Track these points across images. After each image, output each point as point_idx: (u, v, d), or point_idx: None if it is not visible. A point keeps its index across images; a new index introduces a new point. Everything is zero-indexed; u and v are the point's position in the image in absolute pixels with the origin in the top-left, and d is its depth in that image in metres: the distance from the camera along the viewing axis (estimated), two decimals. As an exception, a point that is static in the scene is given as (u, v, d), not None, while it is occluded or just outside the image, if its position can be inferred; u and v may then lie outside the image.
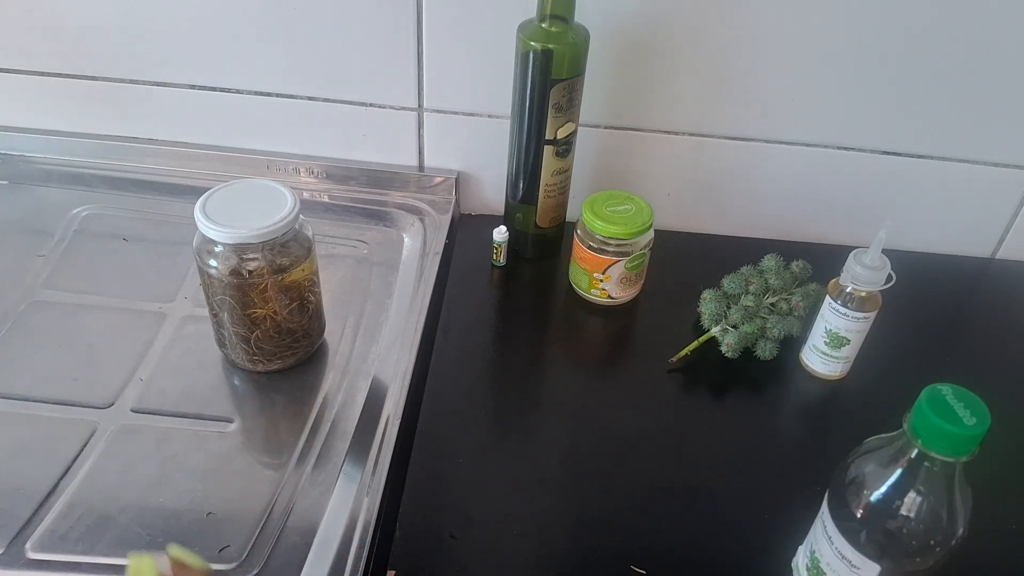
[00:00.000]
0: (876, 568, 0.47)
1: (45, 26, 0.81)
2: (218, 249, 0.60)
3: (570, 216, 0.83)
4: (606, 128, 0.83)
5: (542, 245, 0.83)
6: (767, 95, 0.80)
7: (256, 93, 0.84)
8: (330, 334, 0.72)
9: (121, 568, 0.53)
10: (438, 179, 0.87)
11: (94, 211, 0.83)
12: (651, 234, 0.75)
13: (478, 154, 0.86)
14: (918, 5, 0.74)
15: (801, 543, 0.55)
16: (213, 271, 0.60)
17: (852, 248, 0.67)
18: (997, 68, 0.77)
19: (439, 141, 0.86)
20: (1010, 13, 0.73)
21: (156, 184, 0.86)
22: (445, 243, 0.82)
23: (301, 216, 0.62)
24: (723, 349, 0.71)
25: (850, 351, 0.70)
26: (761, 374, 0.72)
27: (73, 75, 0.84)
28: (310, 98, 0.84)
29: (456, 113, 0.83)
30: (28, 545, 0.54)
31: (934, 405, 0.42)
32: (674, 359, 0.72)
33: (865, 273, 0.65)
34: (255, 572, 0.54)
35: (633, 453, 0.64)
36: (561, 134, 0.74)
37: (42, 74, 0.84)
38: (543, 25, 0.69)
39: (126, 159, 0.87)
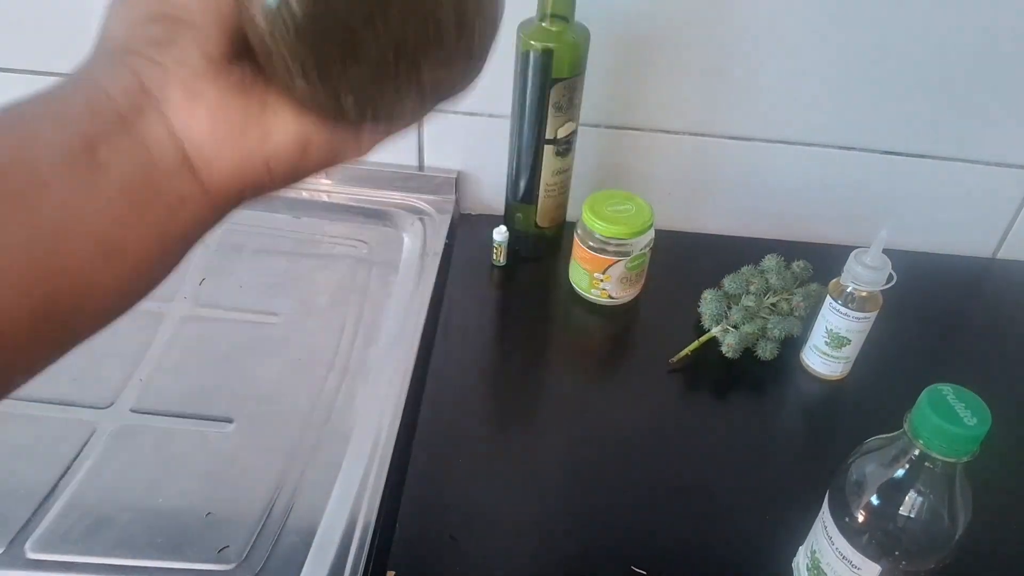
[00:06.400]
0: (877, 568, 0.47)
1: (43, 24, 0.81)
2: None
3: (570, 216, 0.83)
4: (606, 128, 0.83)
5: (542, 245, 0.83)
6: (768, 94, 0.80)
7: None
8: (330, 334, 0.72)
9: (119, 569, 0.53)
10: (438, 179, 0.87)
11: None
12: (651, 234, 0.75)
13: (478, 154, 0.86)
14: (920, 5, 0.74)
15: (802, 543, 0.55)
16: None
17: (853, 248, 0.67)
18: (999, 67, 0.77)
19: (439, 141, 0.86)
20: (1013, 12, 0.73)
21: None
22: (445, 243, 0.82)
23: None
24: (724, 349, 0.71)
25: (851, 351, 0.69)
26: (762, 374, 0.72)
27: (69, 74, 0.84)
28: (310, 98, 0.83)
29: (456, 112, 0.83)
30: (27, 545, 0.54)
31: (935, 405, 0.42)
32: (674, 359, 0.72)
33: (866, 273, 0.65)
34: (255, 573, 0.54)
35: (633, 453, 0.64)
36: (561, 133, 0.74)
37: (40, 73, 0.84)
38: (543, 24, 0.69)
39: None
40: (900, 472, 0.45)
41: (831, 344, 0.69)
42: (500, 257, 0.81)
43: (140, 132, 0.27)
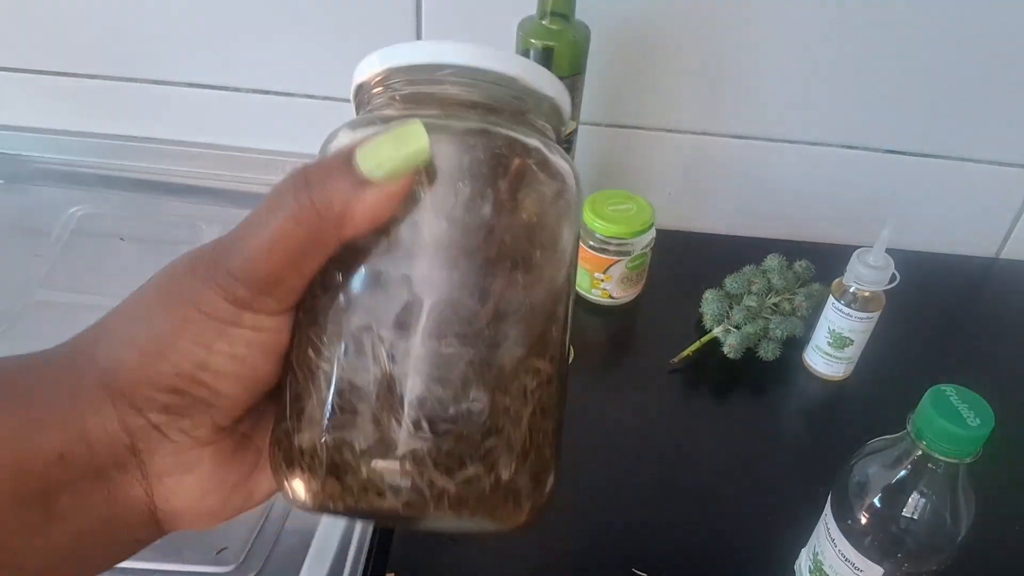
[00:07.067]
0: (879, 570, 0.46)
1: (42, 24, 0.81)
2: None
3: (571, 215, 0.83)
4: (607, 127, 0.83)
5: (543, 244, 0.83)
6: (769, 93, 0.80)
7: (255, 91, 0.83)
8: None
9: (116, 570, 0.53)
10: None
11: (91, 211, 0.83)
12: (652, 233, 0.74)
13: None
14: (921, 4, 0.73)
15: (804, 545, 0.55)
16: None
17: (856, 247, 0.66)
18: (1002, 66, 0.77)
19: (439, 140, 0.85)
20: (1014, 12, 0.73)
21: (153, 183, 0.86)
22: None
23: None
24: (725, 350, 0.71)
25: (853, 351, 0.69)
26: (764, 375, 0.72)
27: (70, 73, 0.84)
28: (309, 96, 0.83)
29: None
30: (24, 547, 0.53)
31: (938, 406, 0.42)
32: (676, 359, 0.71)
33: (869, 273, 0.64)
34: (253, 574, 0.53)
35: (634, 454, 0.64)
36: (562, 132, 0.74)
37: (39, 72, 0.84)
38: (543, 22, 0.69)
39: (123, 158, 0.87)
40: (903, 473, 0.44)
41: (833, 344, 0.69)
42: (500, 257, 0.80)
43: (112, 492, 0.23)
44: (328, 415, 0.23)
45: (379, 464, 0.23)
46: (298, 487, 0.24)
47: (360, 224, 0.23)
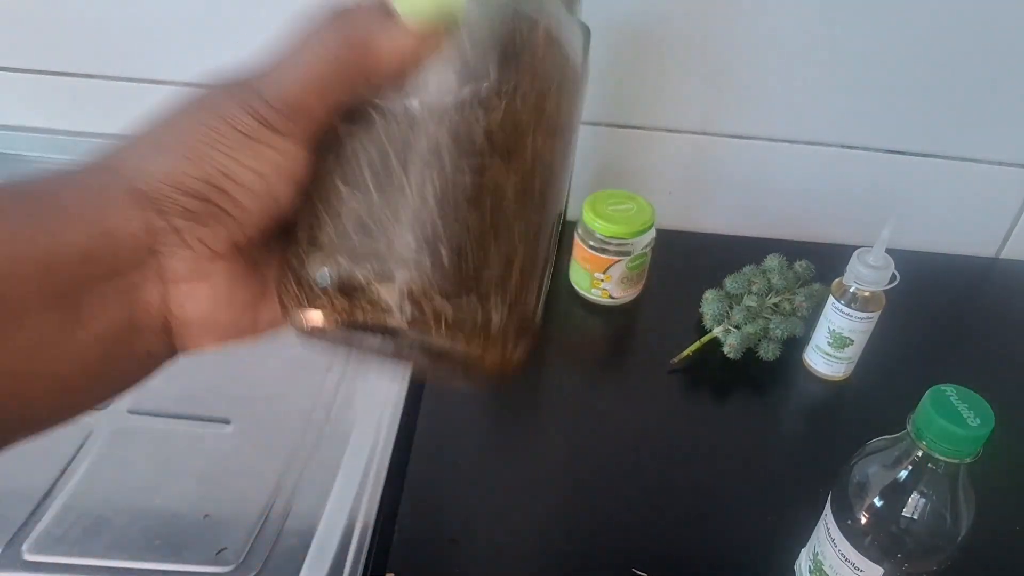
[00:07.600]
0: (879, 570, 0.46)
1: (41, 24, 0.81)
2: None
3: (570, 216, 0.83)
4: (607, 126, 0.83)
5: (543, 245, 0.83)
6: (770, 93, 0.80)
7: (255, 92, 0.83)
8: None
9: (117, 571, 0.53)
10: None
11: (92, 211, 0.83)
12: (652, 233, 0.74)
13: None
14: (922, 4, 0.73)
15: (804, 545, 0.55)
16: None
17: (856, 247, 0.66)
18: (1002, 65, 0.76)
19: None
20: (1015, 11, 0.73)
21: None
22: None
23: None
24: (725, 350, 0.71)
25: (853, 352, 0.69)
26: (764, 375, 0.72)
27: (69, 73, 0.84)
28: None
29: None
30: (24, 547, 0.53)
31: (938, 406, 0.42)
32: (675, 360, 0.71)
33: (869, 273, 0.64)
34: (253, 574, 0.53)
35: (634, 455, 0.64)
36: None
37: (38, 72, 0.84)
38: (543, 23, 0.68)
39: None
40: (903, 473, 0.44)
41: (834, 344, 0.69)
42: (500, 257, 0.80)
43: (131, 295, 0.25)
44: (342, 238, 0.26)
45: (388, 284, 0.25)
46: (305, 307, 0.27)
47: (387, 64, 0.25)
